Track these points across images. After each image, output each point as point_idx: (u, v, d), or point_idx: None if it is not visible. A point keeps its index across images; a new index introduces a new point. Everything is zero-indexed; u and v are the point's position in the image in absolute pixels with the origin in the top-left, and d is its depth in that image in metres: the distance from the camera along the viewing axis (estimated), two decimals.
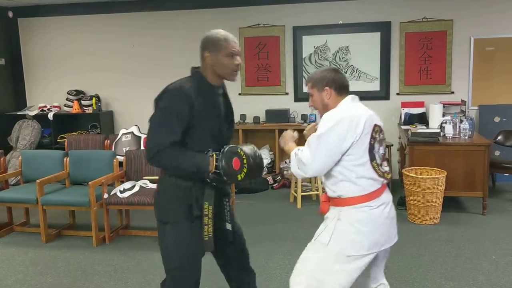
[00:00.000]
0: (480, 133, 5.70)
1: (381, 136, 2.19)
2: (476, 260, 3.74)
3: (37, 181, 4.34)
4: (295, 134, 2.38)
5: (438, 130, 5.17)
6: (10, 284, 3.53)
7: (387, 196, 2.20)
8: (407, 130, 5.50)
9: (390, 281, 3.41)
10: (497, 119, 6.06)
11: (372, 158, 2.10)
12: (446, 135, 5.02)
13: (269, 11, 6.57)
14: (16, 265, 3.89)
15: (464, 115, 5.60)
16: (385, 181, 2.18)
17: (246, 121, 6.62)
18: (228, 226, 2.42)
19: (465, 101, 5.90)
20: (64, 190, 4.59)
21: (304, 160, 2.09)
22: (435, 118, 5.55)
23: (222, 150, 2.18)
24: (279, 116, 6.38)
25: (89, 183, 4.24)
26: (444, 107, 5.76)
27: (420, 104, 6.12)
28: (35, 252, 4.16)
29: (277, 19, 6.56)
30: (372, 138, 2.10)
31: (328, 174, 2.15)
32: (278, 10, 6.55)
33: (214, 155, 2.17)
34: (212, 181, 2.20)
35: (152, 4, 6.83)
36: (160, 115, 2.14)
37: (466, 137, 4.98)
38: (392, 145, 5.84)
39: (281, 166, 6.55)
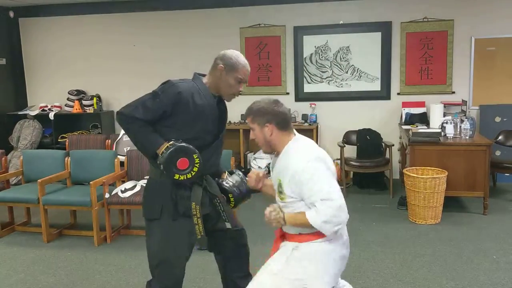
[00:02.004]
0: (481, 133, 5.70)
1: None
2: (477, 260, 3.75)
3: (39, 181, 4.35)
4: (281, 214, 2.07)
5: (439, 130, 5.17)
6: (12, 284, 3.54)
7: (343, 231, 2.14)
8: (408, 130, 5.50)
9: (391, 281, 3.43)
10: (497, 119, 6.06)
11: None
12: (447, 135, 5.02)
13: (270, 11, 6.58)
14: (17, 265, 3.89)
15: (465, 115, 5.60)
16: None
17: (247, 121, 6.61)
18: (228, 225, 2.44)
19: (466, 101, 5.90)
20: (65, 190, 4.59)
21: (329, 208, 1.93)
22: (436, 118, 5.56)
23: (176, 143, 2.18)
24: None
25: (90, 183, 4.25)
26: (445, 107, 5.77)
27: (421, 104, 6.13)
28: (37, 252, 4.17)
29: (278, 19, 6.56)
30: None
31: (290, 211, 2.06)
32: (279, 10, 6.55)
33: (169, 144, 2.18)
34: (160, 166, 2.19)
35: (153, 4, 6.84)
36: (148, 95, 2.28)
37: (467, 137, 4.98)
38: (393, 145, 5.84)
39: None
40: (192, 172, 2.19)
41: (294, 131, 2.18)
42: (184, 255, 2.37)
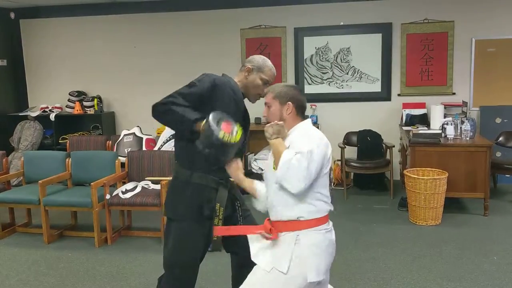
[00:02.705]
0: (481, 134, 5.70)
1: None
2: (478, 261, 3.75)
3: (39, 182, 4.35)
4: (285, 129, 2.20)
5: (440, 131, 5.17)
6: (13, 285, 3.54)
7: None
8: (408, 131, 5.50)
9: (392, 282, 3.43)
10: (498, 120, 6.06)
11: (330, 181, 2.15)
12: (448, 136, 5.02)
13: (271, 12, 6.58)
14: (18, 266, 3.90)
15: (466, 116, 5.60)
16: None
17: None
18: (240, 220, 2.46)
19: (466, 102, 5.90)
20: (66, 191, 4.59)
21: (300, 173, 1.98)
22: (437, 119, 5.55)
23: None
24: None
25: (91, 184, 4.26)
26: (445, 108, 5.76)
27: (421, 105, 6.13)
28: (37, 253, 4.17)
29: (279, 20, 6.57)
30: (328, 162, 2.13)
31: (284, 197, 2.05)
32: (280, 11, 6.56)
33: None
34: (202, 144, 2.16)
35: (153, 6, 6.85)
36: (186, 86, 2.29)
37: (468, 138, 4.98)
38: (394, 146, 5.84)
39: None
40: (236, 137, 2.18)
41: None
42: (198, 257, 2.41)
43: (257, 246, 2.18)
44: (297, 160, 1.96)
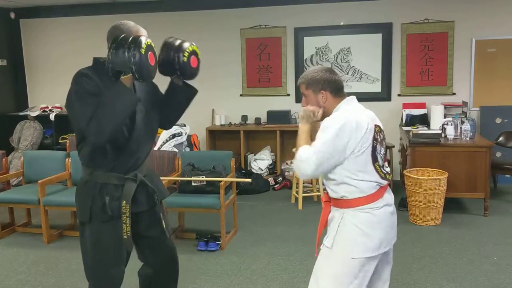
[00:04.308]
0: (481, 134, 5.70)
1: (381, 136, 2.16)
2: (478, 262, 3.74)
3: (39, 181, 4.35)
4: (317, 114, 2.18)
5: (440, 132, 5.17)
6: (12, 285, 3.54)
7: (389, 196, 2.17)
8: (408, 131, 5.50)
9: (391, 282, 3.41)
10: (498, 121, 6.05)
11: (374, 159, 2.07)
12: (448, 137, 5.02)
13: (271, 12, 6.58)
14: (18, 266, 3.89)
15: (466, 117, 5.60)
16: (387, 182, 2.16)
17: (247, 122, 6.62)
18: (163, 223, 2.37)
19: (467, 103, 5.90)
20: (65, 191, 4.59)
21: (305, 165, 2.04)
22: (437, 120, 5.55)
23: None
24: (281, 117, 6.39)
25: None
26: (445, 108, 5.76)
27: (422, 106, 6.12)
28: (37, 253, 4.17)
29: (279, 20, 6.57)
30: (374, 139, 2.08)
31: (329, 176, 2.12)
32: (280, 11, 6.56)
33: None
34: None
35: (153, 6, 6.85)
36: (75, 99, 2.13)
37: (468, 139, 4.98)
38: (394, 146, 5.84)
39: (282, 167, 6.55)
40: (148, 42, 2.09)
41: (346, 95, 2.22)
42: (119, 258, 2.27)
43: None
44: (305, 154, 2.05)
